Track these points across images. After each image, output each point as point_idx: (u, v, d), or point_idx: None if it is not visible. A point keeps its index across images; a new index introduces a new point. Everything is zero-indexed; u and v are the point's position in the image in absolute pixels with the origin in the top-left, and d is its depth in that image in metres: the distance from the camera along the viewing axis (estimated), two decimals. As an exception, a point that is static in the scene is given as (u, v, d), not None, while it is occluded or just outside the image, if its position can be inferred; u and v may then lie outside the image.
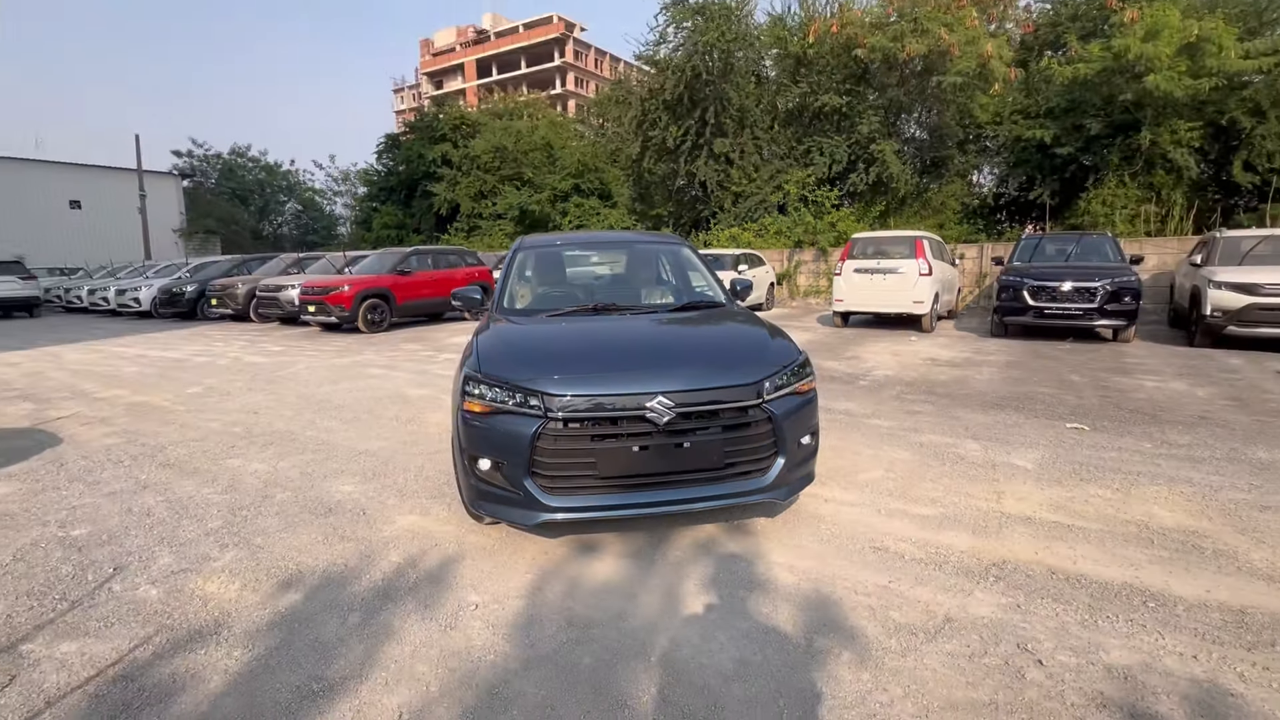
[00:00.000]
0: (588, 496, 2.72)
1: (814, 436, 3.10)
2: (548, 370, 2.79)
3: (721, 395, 2.78)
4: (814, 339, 10.16)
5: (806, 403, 3.04)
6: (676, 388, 2.71)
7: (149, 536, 3.29)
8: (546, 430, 2.67)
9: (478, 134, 25.17)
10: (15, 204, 27.09)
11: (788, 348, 3.15)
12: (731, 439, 2.79)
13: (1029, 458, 4.23)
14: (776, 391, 2.89)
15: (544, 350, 3.09)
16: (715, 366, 2.89)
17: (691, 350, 3.08)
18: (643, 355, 3.00)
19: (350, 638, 2.35)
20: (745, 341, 3.23)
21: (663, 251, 4.53)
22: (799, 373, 3.05)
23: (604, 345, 3.15)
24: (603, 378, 2.76)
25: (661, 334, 3.28)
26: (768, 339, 3.23)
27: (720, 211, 19.77)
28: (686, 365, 2.87)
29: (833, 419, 5.24)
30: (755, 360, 2.96)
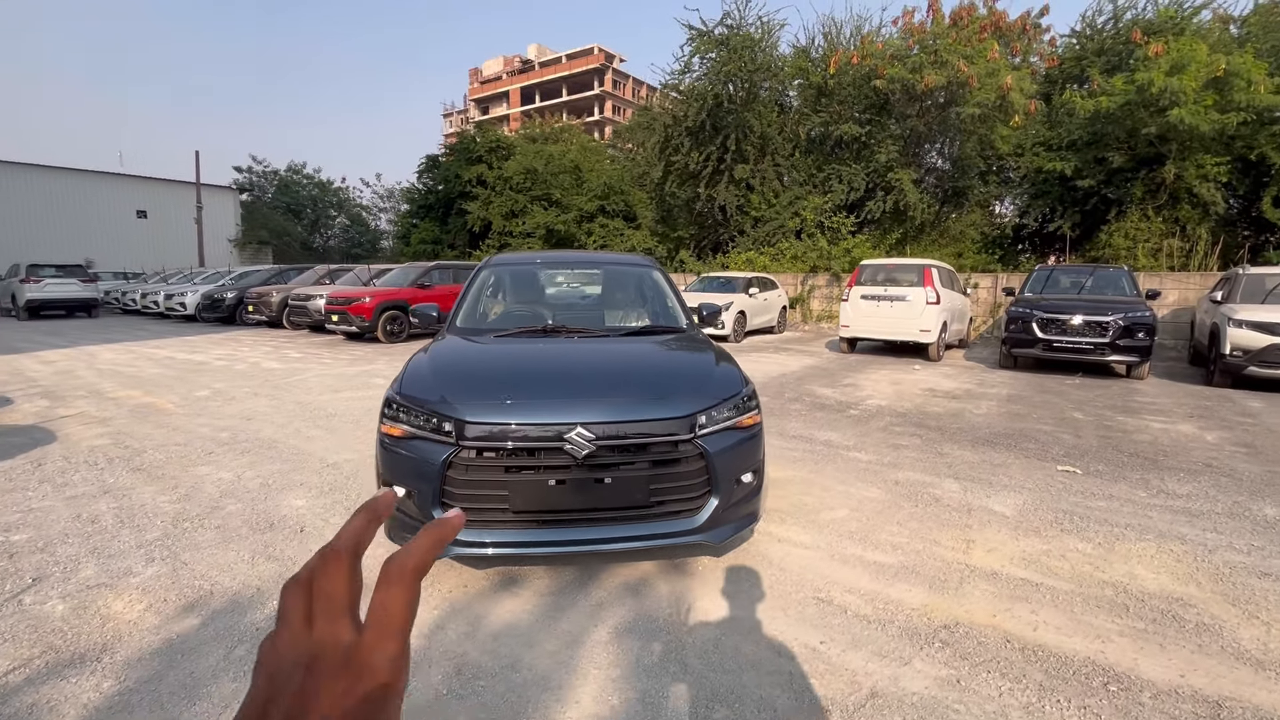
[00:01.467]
0: (500, 532, 2.47)
1: (757, 474, 2.80)
2: (467, 394, 2.57)
3: (650, 428, 2.51)
4: (815, 364, 9.77)
5: (749, 438, 2.74)
6: (600, 418, 2.45)
7: (83, 546, 3.14)
8: (458, 459, 2.43)
9: (511, 156, 25.43)
10: (89, 213, 28.32)
11: (732, 378, 2.87)
12: (659, 475, 2.52)
13: (1009, 503, 3.83)
14: (713, 425, 2.61)
15: (470, 373, 2.86)
16: (647, 397, 2.62)
17: (627, 378, 2.82)
18: (574, 382, 2.75)
19: (225, 674, 2.13)
20: (687, 371, 2.96)
21: (631, 274, 4.29)
22: (742, 405, 2.76)
23: (537, 369, 2.91)
24: (523, 404, 2.52)
25: (602, 359, 3.03)
26: (712, 368, 2.95)
27: (740, 235, 19.49)
28: (617, 394, 2.61)
29: (810, 450, 4.90)
30: (693, 391, 2.69)
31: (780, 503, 3.79)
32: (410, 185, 30.96)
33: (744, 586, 2.79)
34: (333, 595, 0.32)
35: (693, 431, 2.55)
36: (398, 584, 0.32)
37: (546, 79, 64.46)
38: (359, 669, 0.30)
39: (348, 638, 0.31)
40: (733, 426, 2.69)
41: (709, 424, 2.60)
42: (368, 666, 0.30)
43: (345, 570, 0.33)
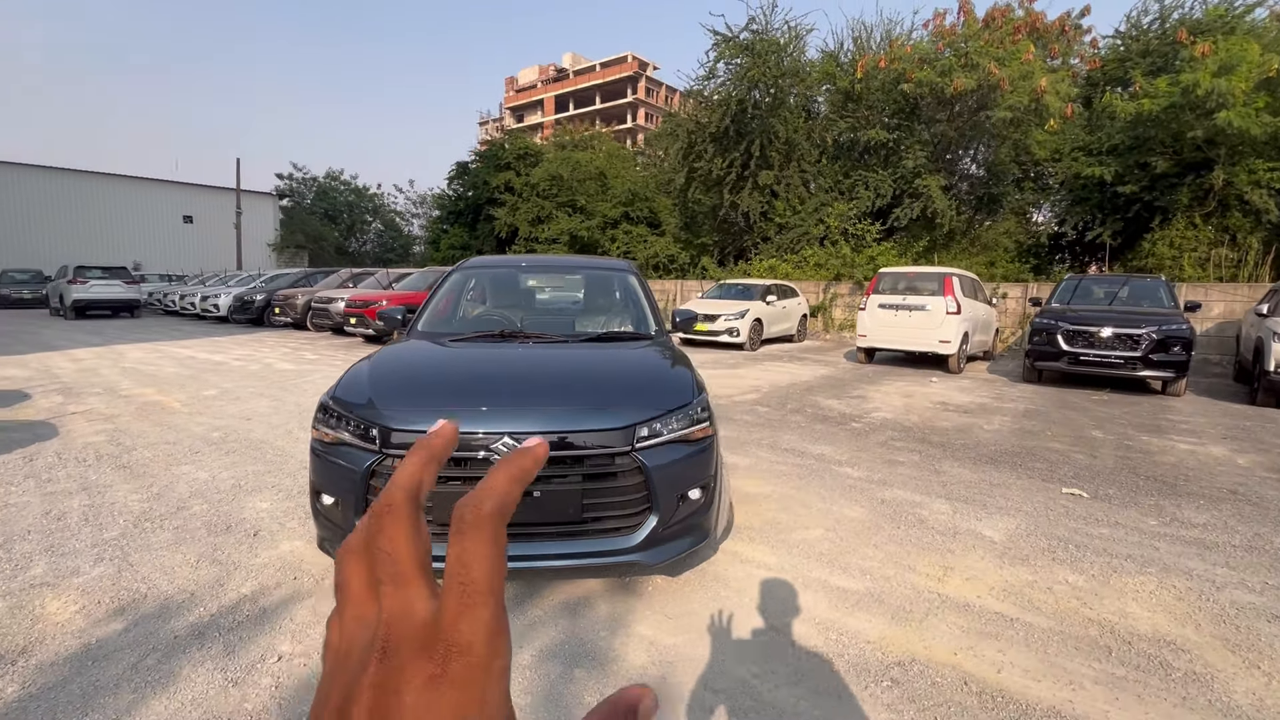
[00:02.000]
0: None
1: (706, 491, 2.64)
2: (397, 401, 2.48)
3: (585, 439, 2.38)
4: (828, 375, 9.48)
5: (697, 452, 2.58)
6: (530, 428, 2.33)
7: (41, 543, 3.16)
8: (381, 468, 2.34)
9: (539, 163, 25.66)
10: (140, 218, 29.63)
11: (683, 387, 2.71)
12: (593, 490, 2.38)
13: (1000, 527, 3.56)
14: (655, 438, 2.47)
15: (409, 378, 2.77)
16: (586, 406, 2.49)
17: (569, 387, 2.69)
18: (512, 390, 2.63)
19: (126, 684, 2.07)
20: (635, 379, 2.82)
21: (605, 278, 4.17)
22: (691, 417, 2.61)
23: (478, 376, 2.80)
24: (451, 412, 2.42)
25: (550, 366, 2.91)
26: (663, 376, 2.80)
27: (763, 242, 19.21)
28: (553, 403, 2.49)
29: (799, 463, 4.68)
30: (637, 401, 2.55)
31: (753, 519, 3.60)
32: (441, 192, 31.52)
33: (692, 610, 2.62)
34: (396, 556, 0.25)
35: (631, 444, 2.41)
36: (476, 532, 0.24)
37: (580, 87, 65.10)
38: (446, 648, 0.23)
39: (424, 608, 0.24)
40: (679, 439, 2.54)
41: (651, 436, 2.46)
42: (456, 643, 0.23)
43: (406, 523, 0.25)
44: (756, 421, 6.13)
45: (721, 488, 2.98)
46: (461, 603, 0.23)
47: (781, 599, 2.73)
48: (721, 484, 2.98)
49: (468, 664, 0.23)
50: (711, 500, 2.69)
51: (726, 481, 3.10)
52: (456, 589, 0.23)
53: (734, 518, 3.63)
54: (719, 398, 7.33)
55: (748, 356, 11.60)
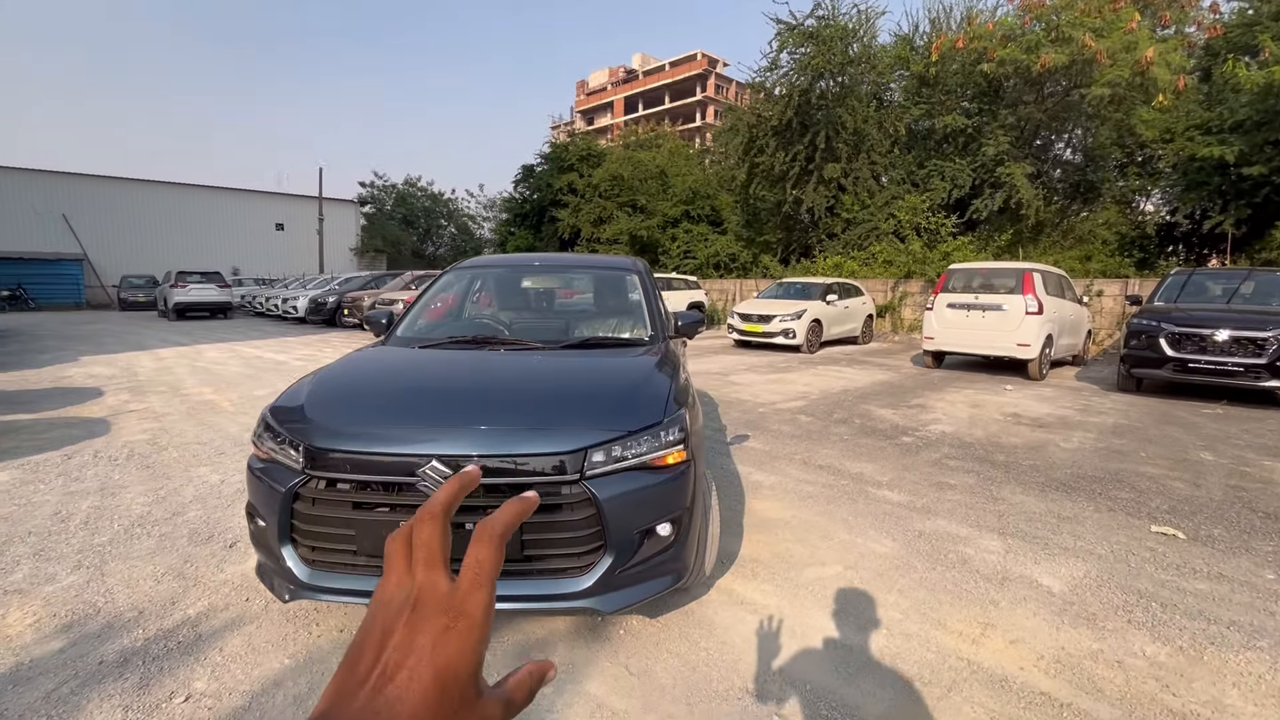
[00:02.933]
0: (349, 577, 2.12)
1: (678, 526, 2.25)
2: (330, 416, 2.25)
3: (527, 464, 2.05)
4: (888, 380, 8.72)
5: (666, 481, 2.20)
6: (464, 451, 2.03)
7: (36, 545, 3.17)
8: (305, 490, 2.11)
9: (601, 164, 25.67)
10: (239, 226, 32.06)
11: (654, 403, 2.33)
12: (536, 524, 2.05)
13: (1064, 574, 2.95)
14: (611, 464, 2.11)
15: (351, 390, 2.53)
16: (531, 425, 2.17)
17: (519, 403, 2.37)
18: (457, 405, 2.34)
19: (33, 715, 1.93)
20: (599, 393, 2.45)
21: (606, 278, 3.82)
22: (659, 439, 2.23)
23: (426, 389, 2.53)
24: (384, 431, 2.16)
25: (511, 378, 2.60)
26: (634, 390, 2.43)
27: (828, 239, 18.29)
28: (495, 421, 2.18)
29: (832, 484, 4.17)
30: (592, 419, 2.19)
31: (762, 550, 3.17)
32: (509, 195, 32.21)
33: (663, 662, 2.25)
34: (430, 547, 0.37)
35: (581, 471, 2.06)
36: (487, 543, 0.37)
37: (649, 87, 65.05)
38: (456, 611, 0.35)
39: (444, 585, 0.36)
40: (641, 466, 2.17)
41: (606, 462, 2.10)
42: (463, 610, 0.35)
43: (439, 528, 0.38)
44: (794, 433, 5.61)
45: (708, 519, 2.58)
46: (472, 585, 0.36)
47: (770, 655, 2.31)
48: (708, 515, 2.58)
49: (469, 624, 0.35)
50: (686, 537, 2.29)
51: (715, 513, 2.68)
52: (470, 577, 0.36)
53: (741, 548, 3.21)
54: (758, 405, 6.84)
55: (803, 360, 10.94)
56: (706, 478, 2.65)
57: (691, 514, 2.31)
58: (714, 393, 7.58)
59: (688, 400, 2.60)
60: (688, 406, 2.53)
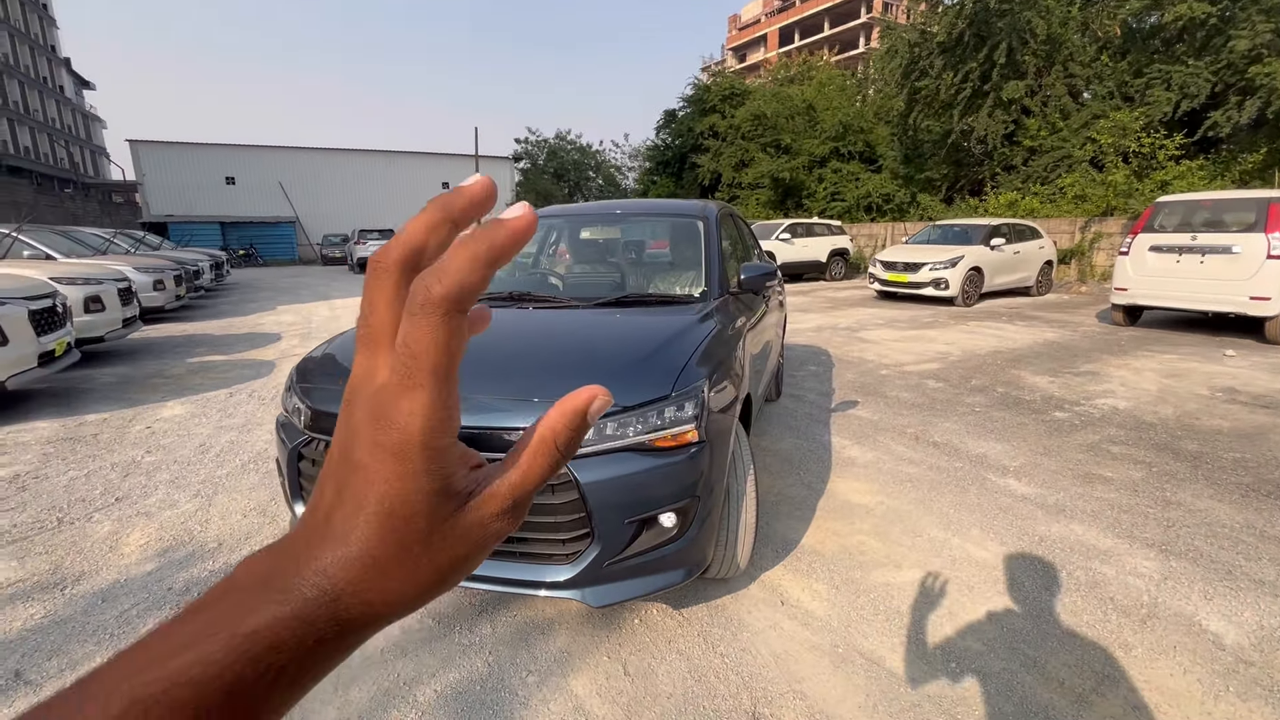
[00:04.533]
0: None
1: (684, 516, 1.93)
2: (333, 377, 2.21)
3: (501, 437, 1.85)
4: (1056, 340, 7.28)
5: (673, 464, 1.88)
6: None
7: (176, 473, 3.66)
8: (307, 450, 2.11)
9: (745, 103, 24.20)
10: (407, 187, 35.39)
11: (664, 374, 1.99)
12: (516, 503, 1.86)
13: (1247, 619, 2.16)
14: (599, 443, 1.83)
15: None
16: (514, 396, 1.94)
17: (516, 367, 2.13)
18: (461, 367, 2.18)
19: (94, 637, 2.19)
20: (604, 360, 2.14)
21: (671, 226, 3.40)
22: (664, 416, 1.90)
23: None
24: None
25: (518, 340, 2.37)
26: (645, 358, 2.09)
27: (1004, 172, 15.68)
28: (483, 388, 1.98)
29: (942, 466, 3.50)
30: (585, 393, 1.92)
31: (828, 541, 2.72)
32: (652, 143, 31.80)
33: (666, 665, 1.99)
34: (372, 317, 0.25)
35: (562, 450, 1.81)
36: (421, 316, 0.23)
37: (807, 14, 59.79)
38: (385, 420, 0.24)
39: (384, 376, 0.24)
40: (637, 446, 1.86)
41: (592, 441, 1.83)
42: (395, 420, 0.24)
43: (389, 287, 0.25)
44: (915, 401, 4.85)
45: (739, 507, 2.21)
46: (402, 383, 0.23)
47: (796, 677, 1.94)
48: (739, 502, 2.21)
49: (404, 440, 0.23)
50: (699, 527, 1.97)
51: (750, 499, 2.29)
52: (400, 368, 0.23)
53: (804, 535, 2.79)
54: (882, 367, 6.04)
55: (955, 314, 9.56)
56: (741, 457, 2.27)
57: (706, 502, 1.97)
58: (834, 350, 6.86)
59: (726, 369, 2.22)
60: (725, 377, 2.15)
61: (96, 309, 6.55)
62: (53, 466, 3.78)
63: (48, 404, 5.15)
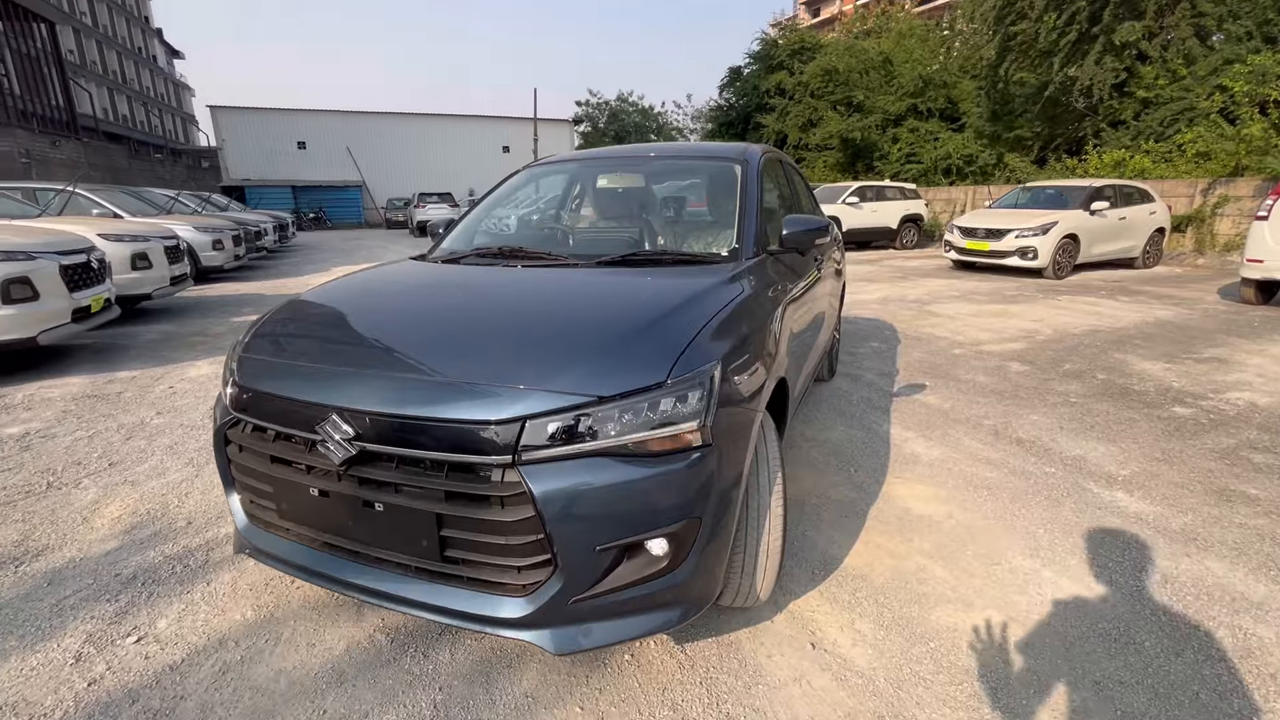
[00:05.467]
0: (280, 540, 1.74)
1: (679, 542, 1.45)
2: (270, 348, 1.83)
3: (443, 433, 1.41)
4: (1171, 319, 6.23)
5: (663, 475, 1.40)
6: (369, 406, 1.46)
7: (176, 437, 3.48)
8: (233, 433, 1.75)
9: (815, 58, 22.55)
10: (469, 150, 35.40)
11: (658, 354, 1.48)
12: (456, 518, 1.43)
13: None
14: (565, 444, 1.37)
15: (307, 317, 2.04)
16: (462, 379, 1.48)
17: (476, 342, 1.66)
18: (396, 341, 1.71)
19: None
20: (589, 334, 1.63)
21: (702, 172, 2.82)
22: (656, 410, 1.41)
23: (377, 318, 1.94)
24: (304, 368, 1.66)
25: (496, 305, 1.90)
26: (638, 335, 1.58)
27: (1111, 128, 13.90)
28: (425, 368, 1.54)
29: (1029, 469, 2.87)
30: (551, 375, 1.44)
31: (879, 562, 2.19)
32: (715, 103, 30.43)
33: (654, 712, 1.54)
34: None
35: (514, 453, 1.36)
36: None
37: (888, -39, 55.35)
38: None
39: None
40: (619, 451, 1.39)
41: (556, 442, 1.37)
42: None
43: None
44: (994, 386, 4.15)
45: (761, 528, 1.72)
46: None
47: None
48: (760, 523, 1.71)
49: None
50: (697, 556, 1.48)
51: (775, 517, 1.78)
52: None
53: (848, 554, 2.26)
54: (955, 345, 5.29)
55: (1044, 287, 8.49)
56: (767, 461, 1.76)
57: (713, 524, 1.49)
58: (900, 326, 6.12)
59: (751, 348, 1.70)
60: (748, 359, 1.65)
61: (143, 266, 6.58)
62: (65, 425, 3.68)
63: (86, 360, 5.16)
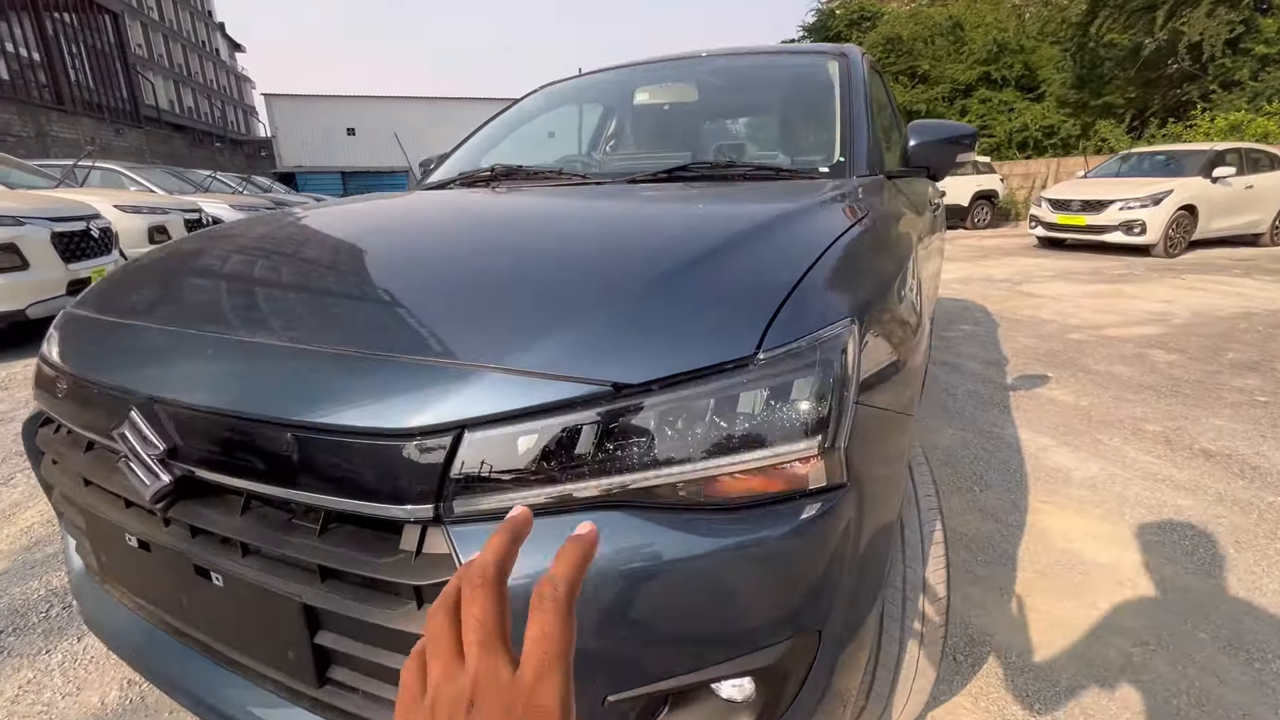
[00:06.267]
0: (113, 606, 1.08)
1: (767, 681, 0.72)
2: (110, 302, 1.15)
3: (311, 450, 0.71)
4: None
5: (743, 549, 0.66)
6: (195, 396, 0.78)
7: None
8: (44, 435, 1.10)
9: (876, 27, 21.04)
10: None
11: (729, 310, 0.75)
12: (336, 618, 0.73)
13: None
14: (546, 480, 0.65)
15: (208, 259, 1.28)
16: (344, 346, 0.78)
17: (402, 288, 0.93)
18: (285, 292, 1.00)
19: None
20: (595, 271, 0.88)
21: (784, 73, 2.00)
22: (728, 415, 0.67)
23: (284, 260, 1.18)
24: (124, 335, 0.98)
25: (449, 240, 1.15)
26: (685, 267, 0.82)
27: (1222, 90, 12.25)
28: (321, 334, 0.84)
29: (1248, 499, 2.01)
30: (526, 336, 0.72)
31: (1062, 649, 1.41)
32: (765, 81, 29.08)
33: None
34: (485, 624, 0.29)
35: (438, 496, 0.65)
36: (551, 611, 0.29)
37: (952, -71, 52.00)
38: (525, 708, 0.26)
39: (505, 674, 0.28)
40: (653, 497, 0.66)
41: (522, 477, 0.65)
42: (535, 704, 0.27)
43: (494, 596, 0.30)
44: (1142, 379, 3.23)
45: (903, 629, 0.97)
46: (541, 670, 0.27)
47: None
48: (905, 622, 0.96)
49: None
50: (816, 698, 0.75)
51: (928, 602, 1.03)
52: (537, 658, 0.27)
53: (1002, 628, 1.49)
54: (1070, 329, 4.35)
55: (1155, 265, 7.29)
56: (917, 510, 1.01)
57: (841, 642, 0.75)
58: (992, 307, 5.18)
59: (898, 307, 0.96)
60: (895, 324, 0.91)
61: (162, 239, 6.23)
62: (28, 410, 3.22)
63: (87, 336, 4.77)
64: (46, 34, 19.01)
